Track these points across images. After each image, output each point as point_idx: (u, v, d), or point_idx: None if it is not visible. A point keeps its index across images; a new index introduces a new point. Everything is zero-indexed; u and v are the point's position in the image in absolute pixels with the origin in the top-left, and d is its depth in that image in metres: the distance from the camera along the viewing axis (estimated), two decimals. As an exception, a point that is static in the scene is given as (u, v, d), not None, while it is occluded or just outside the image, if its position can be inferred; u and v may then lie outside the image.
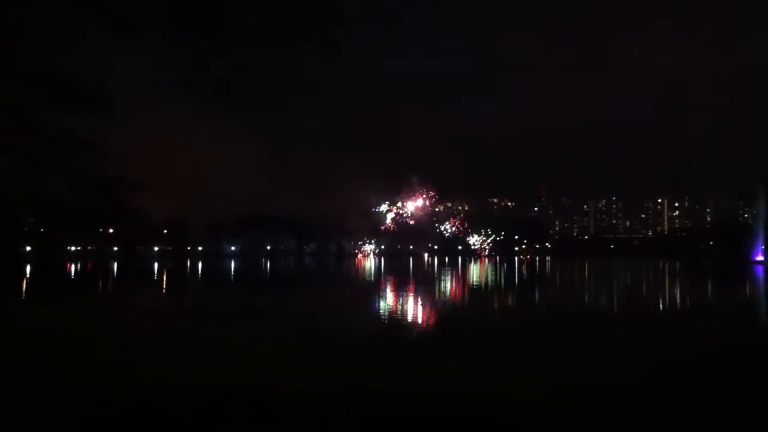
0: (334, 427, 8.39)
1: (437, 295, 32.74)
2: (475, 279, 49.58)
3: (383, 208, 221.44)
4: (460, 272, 64.18)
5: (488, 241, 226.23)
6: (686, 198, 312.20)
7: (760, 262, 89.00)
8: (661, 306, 27.35)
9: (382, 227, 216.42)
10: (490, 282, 45.10)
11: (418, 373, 11.73)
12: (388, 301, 29.25)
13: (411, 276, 55.90)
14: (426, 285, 41.95)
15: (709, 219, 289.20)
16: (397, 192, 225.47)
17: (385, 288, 39.49)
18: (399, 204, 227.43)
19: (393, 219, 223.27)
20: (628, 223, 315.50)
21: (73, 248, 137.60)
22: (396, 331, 18.27)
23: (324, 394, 10.06)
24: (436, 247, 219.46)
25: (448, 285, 42.57)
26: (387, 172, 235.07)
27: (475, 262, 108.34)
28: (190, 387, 10.63)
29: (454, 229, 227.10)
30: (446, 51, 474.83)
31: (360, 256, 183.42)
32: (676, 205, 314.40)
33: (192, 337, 17.12)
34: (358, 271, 67.71)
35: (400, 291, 35.64)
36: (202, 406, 9.20)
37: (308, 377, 11.45)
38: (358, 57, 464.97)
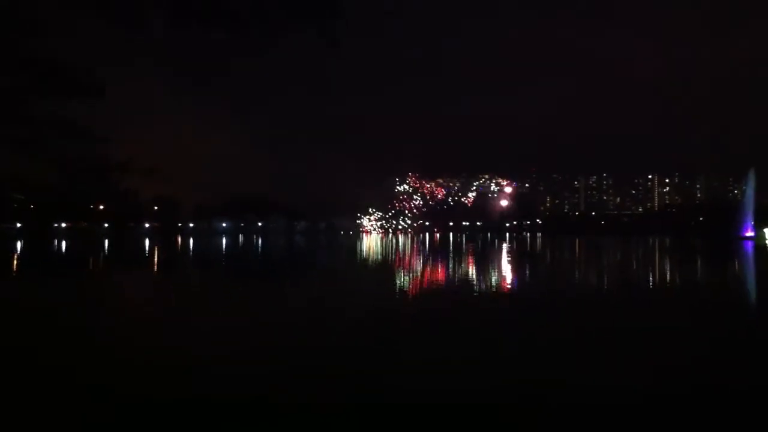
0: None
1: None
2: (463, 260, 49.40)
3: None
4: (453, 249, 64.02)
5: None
6: (676, 174, 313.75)
7: (749, 238, 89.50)
8: (667, 286, 27.26)
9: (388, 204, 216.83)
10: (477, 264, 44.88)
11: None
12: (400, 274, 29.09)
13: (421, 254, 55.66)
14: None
15: (699, 195, 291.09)
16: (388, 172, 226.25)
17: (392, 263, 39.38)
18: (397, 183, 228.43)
19: (392, 197, 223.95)
20: (618, 199, 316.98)
21: (63, 225, 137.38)
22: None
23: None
24: (428, 223, 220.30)
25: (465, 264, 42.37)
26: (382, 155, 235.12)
27: (465, 239, 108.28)
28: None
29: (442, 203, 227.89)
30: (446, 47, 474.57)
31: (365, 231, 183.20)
32: (667, 181, 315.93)
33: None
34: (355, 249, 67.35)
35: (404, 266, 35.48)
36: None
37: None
38: (357, 47, 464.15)
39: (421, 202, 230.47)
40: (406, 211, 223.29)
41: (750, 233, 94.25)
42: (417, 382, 8.67)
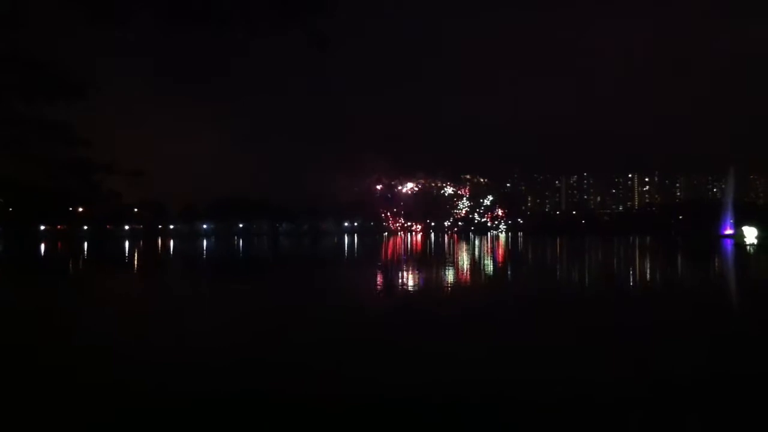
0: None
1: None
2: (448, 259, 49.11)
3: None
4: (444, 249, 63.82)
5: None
6: (656, 173, 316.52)
7: (728, 236, 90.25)
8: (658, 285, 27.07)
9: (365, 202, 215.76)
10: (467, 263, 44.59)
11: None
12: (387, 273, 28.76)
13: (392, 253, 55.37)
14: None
15: (679, 194, 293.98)
16: (369, 172, 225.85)
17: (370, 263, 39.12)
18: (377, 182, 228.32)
19: (369, 196, 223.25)
20: (599, 198, 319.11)
21: (42, 227, 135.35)
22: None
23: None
24: (409, 224, 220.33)
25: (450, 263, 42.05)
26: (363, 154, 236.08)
27: (449, 239, 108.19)
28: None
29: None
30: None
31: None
32: (647, 180, 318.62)
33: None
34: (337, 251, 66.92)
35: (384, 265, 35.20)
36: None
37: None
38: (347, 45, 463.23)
39: (401, 203, 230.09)
40: (385, 212, 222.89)
41: (729, 231, 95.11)
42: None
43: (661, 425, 7.19)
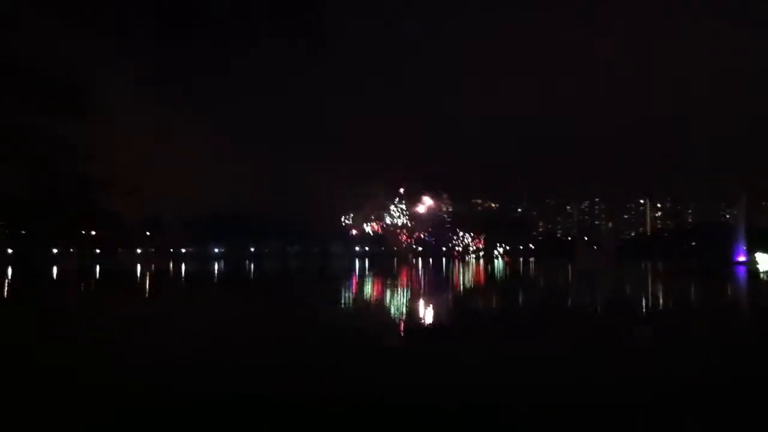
0: None
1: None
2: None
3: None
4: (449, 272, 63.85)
5: (471, 242, 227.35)
6: (668, 199, 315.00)
7: (742, 263, 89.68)
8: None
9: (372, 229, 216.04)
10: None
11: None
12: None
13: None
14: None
15: (690, 220, 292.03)
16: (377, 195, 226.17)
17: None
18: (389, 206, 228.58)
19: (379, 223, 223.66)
20: (610, 224, 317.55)
21: (54, 251, 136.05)
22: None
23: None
24: (420, 249, 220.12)
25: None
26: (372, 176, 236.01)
27: (456, 264, 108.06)
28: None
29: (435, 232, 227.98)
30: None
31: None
32: (659, 206, 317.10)
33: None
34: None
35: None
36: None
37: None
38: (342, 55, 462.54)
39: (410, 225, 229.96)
40: (401, 237, 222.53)
41: (742, 258, 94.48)
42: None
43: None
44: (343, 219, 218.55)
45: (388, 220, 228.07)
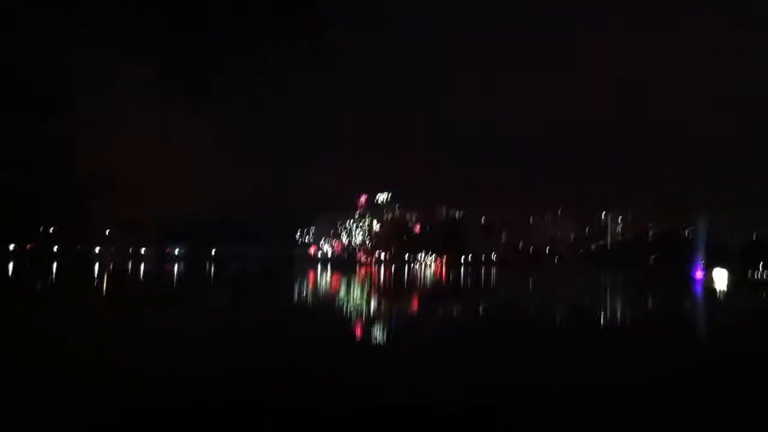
0: None
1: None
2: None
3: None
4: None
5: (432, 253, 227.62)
6: (630, 212, 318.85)
7: (700, 278, 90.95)
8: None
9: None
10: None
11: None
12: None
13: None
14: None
15: (651, 233, 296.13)
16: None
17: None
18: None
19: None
20: (572, 236, 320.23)
21: (11, 247, 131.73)
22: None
23: None
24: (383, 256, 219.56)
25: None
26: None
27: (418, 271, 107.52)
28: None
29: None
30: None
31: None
32: (620, 218, 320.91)
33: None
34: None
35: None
36: None
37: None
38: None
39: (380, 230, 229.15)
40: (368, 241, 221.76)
41: (700, 273, 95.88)
42: None
43: None
44: (298, 235, 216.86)
45: (345, 240, 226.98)
